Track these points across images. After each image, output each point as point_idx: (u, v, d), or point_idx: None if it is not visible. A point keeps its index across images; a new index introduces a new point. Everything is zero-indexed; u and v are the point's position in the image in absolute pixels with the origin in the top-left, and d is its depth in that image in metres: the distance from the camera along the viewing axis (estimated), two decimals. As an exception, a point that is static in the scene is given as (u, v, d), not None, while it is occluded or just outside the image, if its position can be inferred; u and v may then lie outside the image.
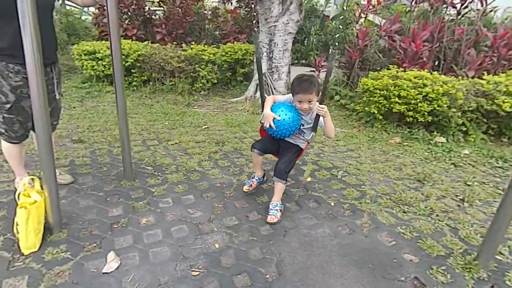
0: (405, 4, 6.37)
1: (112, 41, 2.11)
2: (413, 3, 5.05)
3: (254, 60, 5.34)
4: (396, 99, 3.76)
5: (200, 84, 5.13)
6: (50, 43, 1.98)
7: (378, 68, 4.87)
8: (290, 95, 2.15)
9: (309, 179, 2.73)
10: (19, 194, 1.73)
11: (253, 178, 2.41)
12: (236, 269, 1.69)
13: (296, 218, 2.18)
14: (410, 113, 3.79)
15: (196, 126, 3.85)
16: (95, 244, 1.80)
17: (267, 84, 5.02)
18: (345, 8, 6.03)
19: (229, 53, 5.32)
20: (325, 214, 2.23)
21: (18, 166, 2.16)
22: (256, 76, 5.13)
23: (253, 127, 3.94)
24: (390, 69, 4.09)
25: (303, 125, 2.17)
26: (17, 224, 1.68)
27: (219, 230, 2.00)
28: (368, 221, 2.17)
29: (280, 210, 2.17)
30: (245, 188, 2.39)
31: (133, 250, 1.77)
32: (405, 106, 3.76)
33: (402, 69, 4.15)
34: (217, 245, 1.86)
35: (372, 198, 2.46)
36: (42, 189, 1.80)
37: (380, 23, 5.45)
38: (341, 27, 6.18)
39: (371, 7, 5.79)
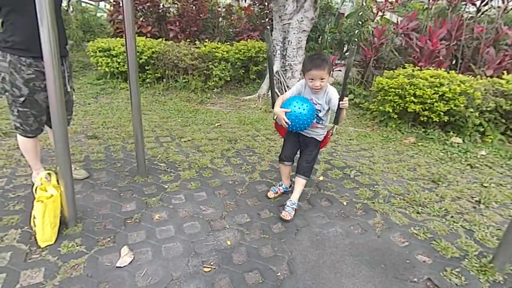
0: (422, 2, 6.21)
1: (127, 38, 2.14)
2: (431, 0, 4.93)
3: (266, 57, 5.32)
4: (412, 98, 3.69)
5: (213, 82, 5.15)
6: (61, 38, 2.01)
7: (394, 67, 4.78)
8: (298, 83, 2.17)
9: (321, 178, 2.72)
10: (36, 188, 1.78)
11: (280, 186, 2.41)
12: (247, 266, 1.70)
13: (308, 216, 2.17)
14: (426, 113, 3.71)
15: (209, 124, 3.88)
16: (109, 239, 1.84)
17: (280, 82, 5.00)
18: (363, 4, 5.91)
19: (242, 50, 5.32)
20: (337, 213, 2.22)
21: (34, 160, 2.22)
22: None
23: (266, 125, 3.94)
24: (405, 68, 4.01)
25: (319, 111, 2.12)
26: (34, 218, 1.73)
27: (231, 227, 2.01)
28: (380, 221, 2.14)
29: (296, 209, 2.17)
30: (270, 194, 2.36)
31: (146, 245, 1.80)
32: (421, 105, 3.68)
33: (418, 68, 4.06)
34: (228, 242, 1.87)
35: (385, 198, 2.43)
36: (58, 183, 1.85)
37: (397, 21, 5.34)
38: (358, 24, 6.08)
39: (388, 4, 5.67)
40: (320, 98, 2.09)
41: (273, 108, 2.28)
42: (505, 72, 3.94)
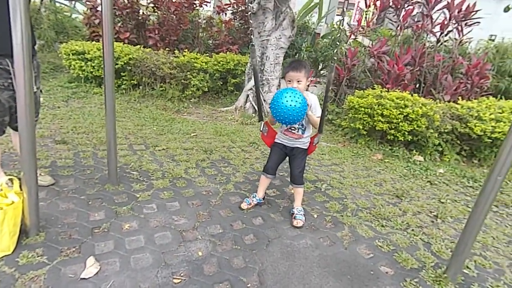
0: (391, 29, 6.69)
1: (104, 42, 2.11)
2: (398, 28, 5.33)
3: (246, 70, 5.43)
4: (379, 117, 3.92)
5: (191, 92, 5.15)
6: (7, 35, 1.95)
7: (364, 87, 5.07)
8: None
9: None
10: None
11: (254, 197, 2.45)
12: (218, 277, 1.71)
13: (279, 228, 2.22)
14: (392, 131, 3.96)
15: (184, 133, 3.86)
16: (74, 249, 1.77)
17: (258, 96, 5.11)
18: (335, 27, 6.27)
19: (221, 62, 5.39)
20: (308, 226, 2.29)
21: (-4, 164, 2.11)
22: (246, 86, 5.22)
23: (242, 137, 3.99)
24: (375, 89, 4.27)
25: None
26: (-7, 225, 1.63)
27: (203, 238, 2.01)
28: (348, 234, 2.23)
29: (304, 214, 2.30)
30: (243, 205, 2.40)
31: (114, 256, 1.75)
32: (388, 124, 3.93)
33: (386, 89, 4.34)
34: (200, 253, 1.87)
35: (353, 211, 2.54)
36: (21, 189, 1.76)
37: (369, 45, 5.70)
38: (332, 45, 6.41)
39: (360, 28, 6.05)
40: None
41: (260, 118, 2.42)
42: (460, 97, 4.32)
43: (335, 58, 5.92)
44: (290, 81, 2.15)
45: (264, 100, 5.09)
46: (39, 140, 3.05)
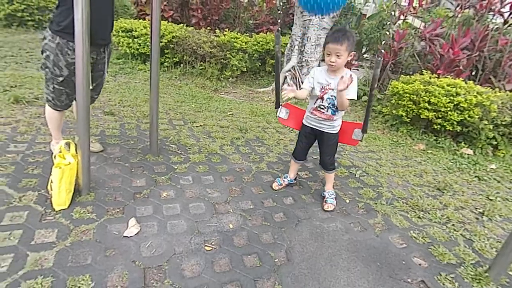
0: (448, 9, 6.08)
1: (153, 20, 2.20)
2: (458, 8, 4.83)
3: (286, 52, 5.32)
4: (426, 105, 3.66)
5: (229, 71, 5.20)
6: (109, 26, 2.13)
7: (411, 73, 4.73)
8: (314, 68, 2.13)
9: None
10: (55, 155, 1.88)
11: (285, 178, 2.44)
12: (247, 249, 1.77)
13: (310, 210, 2.22)
14: (439, 121, 3.69)
15: (221, 112, 3.94)
16: (118, 210, 1.93)
17: (295, 77, 5.01)
18: (384, 7, 5.83)
19: (261, 43, 5.33)
20: (339, 210, 2.26)
21: (56, 130, 2.33)
22: (285, 68, 5.13)
23: (277, 119, 3.97)
24: (423, 74, 3.97)
25: (334, 98, 2.02)
26: (51, 182, 1.83)
27: (234, 211, 2.08)
28: (381, 222, 2.17)
29: (335, 198, 2.28)
30: (275, 185, 2.40)
31: (152, 220, 1.89)
32: (434, 113, 3.66)
33: (436, 75, 4.01)
34: (231, 225, 1.95)
35: (388, 200, 2.46)
36: (76, 153, 1.94)
37: (420, 26, 5.24)
38: (379, 27, 6.00)
39: (411, 9, 5.57)
40: (333, 83, 1.99)
41: (276, 105, 2.32)
42: (525, 87, 3.87)
43: (382, 51, 5.55)
44: (329, 54, 1.92)
45: (302, 82, 4.98)
46: (91, 111, 3.29)
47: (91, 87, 2.40)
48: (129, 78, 4.80)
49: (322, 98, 2.07)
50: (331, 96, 2.03)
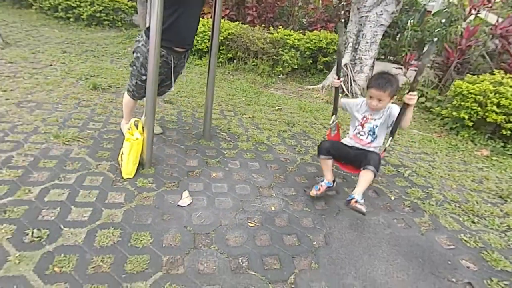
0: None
1: (215, 18, 2.43)
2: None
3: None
4: (494, 107, 3.36)
5: (280, 68, 5.31)
6: (194, 33, 2.38)
7: (480, 74, 4.34)
8: (360, 98, 2.18)
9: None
10: (126, 131, 2.18)
11: (322, 181, 2.19)
12: (287, 229, 1.86)
13: (351, 202, 2.22)
14: (509, 126, 3.35)
15: (270, 106, 4.07)
16: (173, 183, 2.16)
17: (347, 75, 4.93)
18: (453, 1, 5.39)
19: (313, 40, 5.35)
20: (383, 205, 2.23)
21: (128, 114, 2.69)
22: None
23: (325, 115, 3.98)
24: (494, 75, 3.63)
25: (376, 127, 2.07)
26: (122, 154, 2.13)
27: (277, 196, 2.19)
28: (428, 221, 2.09)
29: (365, 203, 1.93)
30: (312, 192, 2.14)
31: (202, 195, 2.08)
32: (504, 116, 3.33)
33: (510, 76, 3.64)
34: (273, 208, 2.05)
35: (438, 201, 2.34)
36: (142, 131, 2.22)
37: (496, 22, 4.76)
38: (445, 24, 5.58)
39: (486, 2, 5.05)
40: (376, 115, 2.08)
41: (334, 111, 2.31)
42: None
43: (438, 39, 5.14)
44: (371, 97, 1.98)
45: (354, 81, 4.89)
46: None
47: (172, 87, 2.66)
48: (186, 72, 5.19)
49: (362, 125, 2.14)
50: (373, 125, 2.09)
